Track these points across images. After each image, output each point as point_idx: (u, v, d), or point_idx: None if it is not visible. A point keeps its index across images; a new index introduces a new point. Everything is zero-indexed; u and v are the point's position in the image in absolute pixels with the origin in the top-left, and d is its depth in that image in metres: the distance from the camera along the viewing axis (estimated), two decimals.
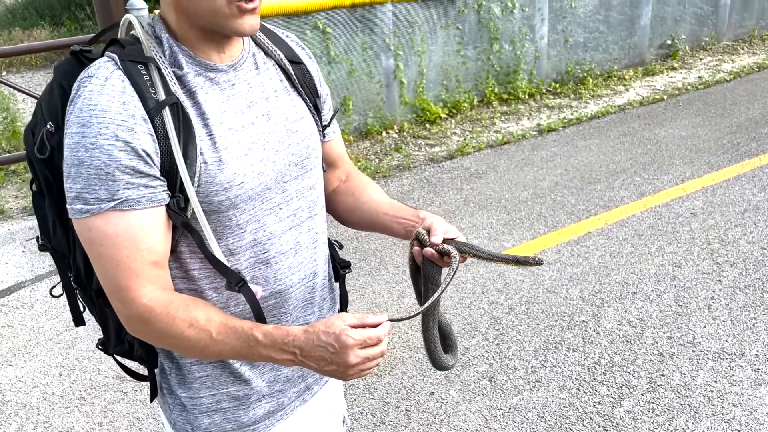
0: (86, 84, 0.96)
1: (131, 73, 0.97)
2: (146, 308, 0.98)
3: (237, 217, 1.06)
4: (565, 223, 3.98)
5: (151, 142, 0.96)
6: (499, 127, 5.92)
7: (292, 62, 1.17)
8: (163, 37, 1.02)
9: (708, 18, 8.23)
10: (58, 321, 3.26)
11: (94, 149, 0.93)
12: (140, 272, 0.98)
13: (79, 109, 0.95)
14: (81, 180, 0.94)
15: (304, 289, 1.20)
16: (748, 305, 3.03)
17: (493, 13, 6.25)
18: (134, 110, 0.95)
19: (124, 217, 0.96)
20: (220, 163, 1.02)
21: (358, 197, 1.31)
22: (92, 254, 0.99)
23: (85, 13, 11.27)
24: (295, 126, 1.14)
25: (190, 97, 1.02)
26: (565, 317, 3.04)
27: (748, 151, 4.91)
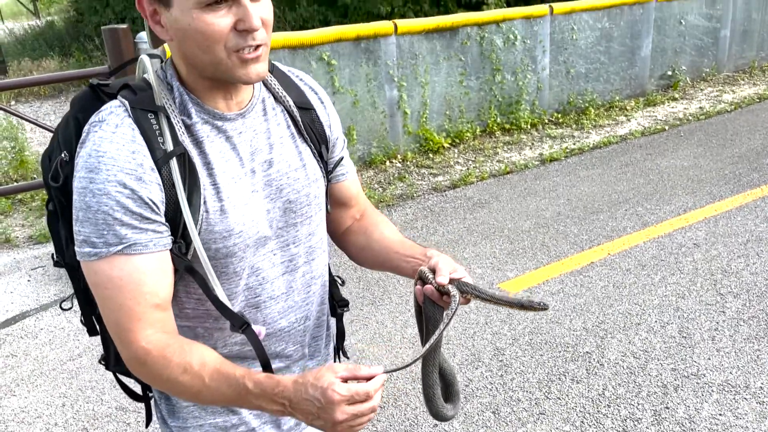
0: (96, 129, 0.99)
1: (141, 122, 1.00)
2: (144, 351, 1.00)
3: (234, 264, 1.08)
4: (568, 253, 3.99)
5: (158, 191, 0.99)
6: (502, 157, 5.97)
7: (301, 108, 1.17)
8: (174, 84, 1.05)
9: (708, 49, 8.33)
10: (62, 351, 3.26)
11: (102, 195, 0.96)
12: (142, 315, 0.99)
13: (88, 154, 0.98)
14: (89, 224, 0.97)
15: (294, 332, 1.21)
16: (752, 337, 3.02)
17: (495, 45, 6.34)
18: (143, 159, 0.98)
19: (129, 261, 0.98)
20: (222, 212, 1.05)
21: (369, 236, 1.31)
22: (97, 296, 1.01)
23: (93, 44, 11.46)
24: (297, 174, 1.15)
25: (197, 146, 1.05)
26: (568, 348, 3.04)
27: (750, 181, 4.93)
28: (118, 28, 4.45)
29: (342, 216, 1.33)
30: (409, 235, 4.37)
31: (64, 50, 12.86)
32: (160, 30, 1.01)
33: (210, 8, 0.95)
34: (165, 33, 1.01)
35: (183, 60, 1.04)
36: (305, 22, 8.92)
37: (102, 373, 3.06)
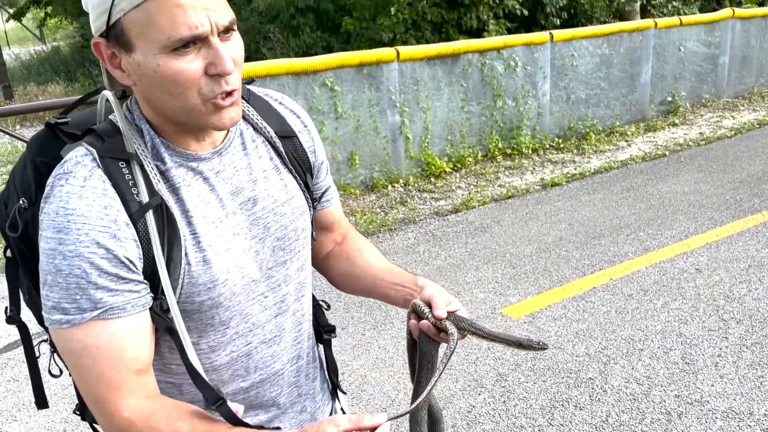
0: (63, 183, 0.89)
1: (112, 173, 0.91)
2: (127, 422, 0.91)
3: (220, 315, 1.01)
4: (570, 278, 3.99)
5: (134, 247, 0.90)
6: (503, 182, 6.00)
7: (283, 137, 1.09)
8: (144, 128, 0.96)
9: (707, 75, 8.41)
10: (63, 375, 3.25)
11: (73, 257, 0.87)
12: (122, 384, 0.91)
13: (55, 212, 0.88)
14: (59, 289, 0.88)
15: (288, 374, 1.15)
16: (755, 363, 3.01)
17: (496, 71, 6.41)
18: (116, 215, 0.89)
19: (106, 326, 0.89)
20: (205, 263, 0.97)
21: (352, 261, 1.24)
22: (70, 364, 0.92)
23: (98, 69, 11.58)
24: (283, 209, 1.07)
25: (174, 193, 0.96)
26: (571, 374, 3.03)
27: (750, 207, 4.95)
28: None
29: (323, 240, 1.27)
30: (411, 259, 4.38)
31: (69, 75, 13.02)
32: (120, 75, 0.92)
33: (177, 53, 0.86)
34: (126, 78, 0.92)
35: (148, 104, 0.95)
36: (308, 49, 9.03)
37: None
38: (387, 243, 4.71)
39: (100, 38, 0.90)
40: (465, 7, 8.23)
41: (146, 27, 0.85)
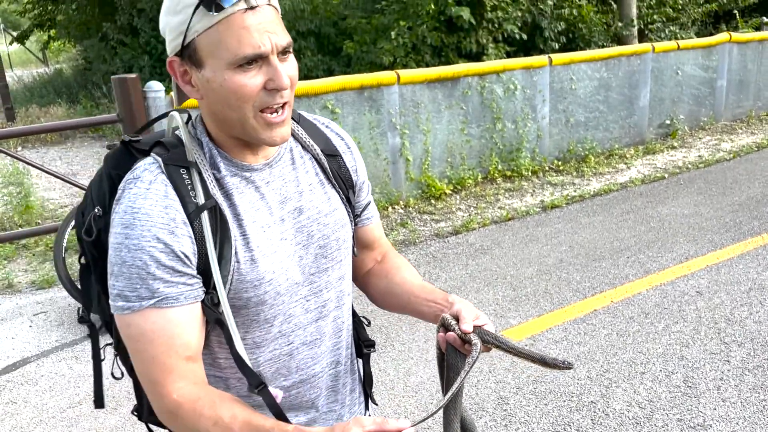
0: (131, 186, 1.03)
1: (173, 178, 1.03)
2: (175, 404, 1.02)
3: (265, 312, 1.10)
4: (571, 300, 3.98)
5: (190, 243, 1.02)
6: (504, 204, 6.01)
7: (328, 155, 1.21)
8: (203, 140, 1.09)
9: (705, 99, 8.47)
10: (62, 398, 3.23)
11: (137, 250, 0.99)
12: (174, 368, 1.02)
13: (123, 211, 1.01)
14: (123, 279, 1.00)
15: (327, 377, 1.23)
16: (757, 386, 3.00)
17: (496, 94, 6.46)
18: (175, 214, 1.01)
19: (162, 314, 1.01)
20: (252, 262, 1.07)
21: (390, 279, 1.32)
22: (130, 348, 1.04)
23: (101, 91, 11.66)
24: (326, 219, 1.17)
25: (227, 198, 1.08)
26: (573, 397, 3.01)
27: (750, 229, 4.96)
28: (127, 78, 4.55)
29: (364, 259, 1.36)
30: None
31: (71, 97, 13.09)
32: (190, 89, 1.05)
33: (242, 69, 0.98)
34: (195, 92, 1.05)
35: (211, 117, 1.08)
36: (309, 72, 9.10)
37: (102, 421, 3.02)
38: None
39: (175, 57, 1.03)
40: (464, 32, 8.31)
41: (216, 46, 0.98)
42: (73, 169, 8.12)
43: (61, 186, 7.19)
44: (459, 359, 1.09)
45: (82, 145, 9.77)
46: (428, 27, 8.04)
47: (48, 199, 6.71)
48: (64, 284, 3.98)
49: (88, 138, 10.27)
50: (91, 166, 8.11)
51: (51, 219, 5.98)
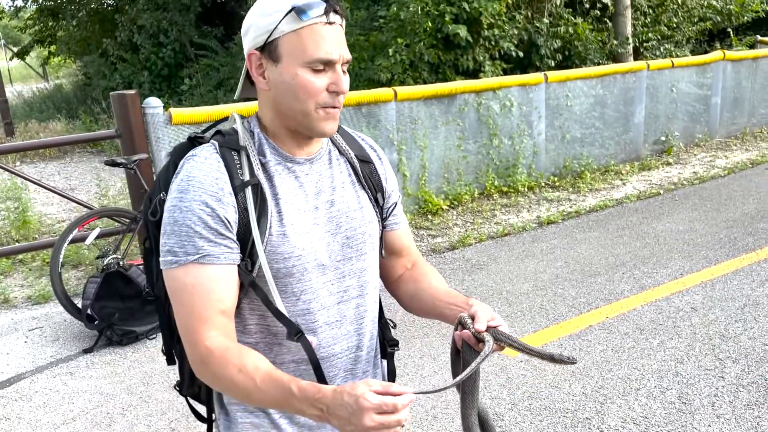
0: (189, 161, 1.20)
1: (225, 157, 1.19)
2: (207, 350, 1.14)
3: (293, 285, 1.23)
4: (567, 316, 3.99)
5: (233, 212, 1.17)
6: (500, 219, 6.03)
7: (361, 161, 1.36)
8: (255, 131, 1.26)
9: (700, 116, 8.53)
10: (56, 414, 3.23)
11: (188, 212, 1.14)
12: (208, 318, 1.14)
13: (180, 179, 1.18)
14: (174, 236, 1.15)
15: (346, 359, 1.33)
16: (752, 403, 3.00)
17: (492, 111, 6.51)
18: (224, 185, 1.17)
19: (203, 269, 1.15)
20: (284, 236, 1.21)
21: (418, 285, 1.42)
22: (173, 300, 1.18)
23: (100, 107, 11.71)
24: (355, 214, 1.31)
25: (269, 180, 1.23)
26: (568, 414, 3.01)
27: (745, 245, 4.98)
28: (126, 94, 4.58)
29: (394, 265, 1.47)
30: None
31: (71, 113, 13.15)
32: (261, 81, 1.20)
33: (313, 70, 1.16)
34: (264, 83, 1.20)
35: (273, 108, 1.23)
36: None
37: None
38: None
39: (255, 51, 1.19)
40: (461, 49, 8.38)
41: (296, 46, 1.15)
42: (71, 184, 8.14)
43: (59, 201, 7.21)
44: (473, 356, 1.17)
45: (80, 160, 9.80)
46: (425, 44, 8.11)
47: (45, 214, 6.72)
48: (60, 299, 3.98)
49: (87, 153, 10.30)
50: (90, 181, 8.12)
51: (48, 234, 5.99)
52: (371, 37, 8.77)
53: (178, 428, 3.05)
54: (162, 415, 3.16)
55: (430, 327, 3.93)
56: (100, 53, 13.43)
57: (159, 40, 12.16)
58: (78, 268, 5.16)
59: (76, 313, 3.99)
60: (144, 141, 4.65)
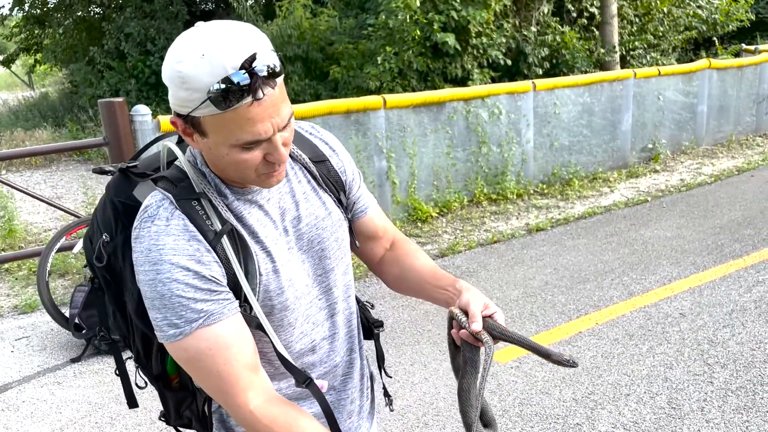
0: (149, 225, 1.08)
1: (188, 211, 1.09)
2: (252, 417, 1.09)
3: (288, 316, 1.20)
4: (556, 322, 4.00)
5: (217, 267, 1.09)
6: (489, 227, 6.05)
7: (316, 162, 1.28)
8: (206, 171, 1.14)
9: (687, 123, 8.62)
10: (43, 424, 3.19)
11: (171, 282, 1.05)
12: (239, 377, 1.09)
13: (148, 249, 1.07)
14: (166, 310, 1.07)
15: (344, 365, 1.34)
16: (740, 407, 3.02)
17: (481, 119, 6.54)
18: (198, 244, 1.08)
19: (212, 330, 1.08)
20: (275, 272, 1.16)
21: (402, 266, 1.40)
22: (192, 370, 1.11)
23: (87, 115, 11.64)
24: (324, 223, 1.25)
25: (239, 220, 1.14)
26: (558, 420, 3.02)
27: (732, 252, 5.02)
28: (114, 101, 4.56)
29: (373, 248, 1.43)
30: (398, 303, 4.38)
31: (57, 121, 13.06)
32: (190, 141, 1.09)
33: (243, 148, 1.04)
34: (196, 145, 1.10)
35: (210, 164, 1.13)
36: (297, 96, 9.16)
37: None
38: (374, 287, 4.71)
39: (178, 117, 1.06)
40: (450, 57, 8.42)
41: (220, 128, 1.02)
42: (57, 193, 8.07)
43: (45, 210, 7.14)
44: (474, 352, 1.17)
45: (67, 169, 9.72)
46: (414, 52, 8.14)
47: (32, 223, 6.66)
48: (48, 309, 3.94)
49: (74, 162, 10.22)
50: (76, 190, 8.07)
51: (35, 243, 5.94)
52: (360, 45, 8.80)
53: None
54: (151, 424, 3.13)
55: (420, 335, 3.93)
56: (87, 61, 13.36)
57: (146, 48, 12.13)
58: (65, 278, 5.11)
59: (63, 322, 3.94)
60: (132, 149, 4.62)
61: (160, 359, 1.25)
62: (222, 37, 0.99)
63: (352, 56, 8.82)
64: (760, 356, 3.45)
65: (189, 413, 1.30)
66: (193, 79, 0.98)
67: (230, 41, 0.98)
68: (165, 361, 1.26)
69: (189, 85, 0.98)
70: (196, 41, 0.99)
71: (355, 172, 1.36)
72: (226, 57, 0.97)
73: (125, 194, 1.16)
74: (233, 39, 0.98)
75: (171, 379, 1.28)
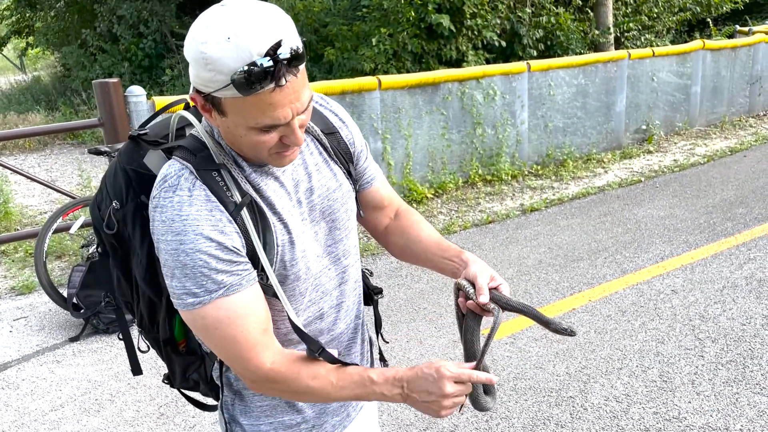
0: (171, 195, 1.08)
1: (208, 182, 1.09)
2: (273, 372, 1.13)
3: (299, 286, 1.21)
4: (551, 299, 4.05)
5: (238, 238, 1.10)
6: (484, 207, 6.09)
7: (327, 134, 1.29)
8: (223, 143, 1.14)
9: (680, 105, 8.64)
10: (43, 401, 3.22)
11: (194, 252, 1.06)
12: (256, 342, 1.12)
13: (171, 219, 1.07)
14: (187, 279, 1.07)
15: (349, 331, 1.37)
16: (730, 380, 3.08)
17: (476, 100, 6.54)
18: (220, 215, 1.08)
19: (231, 300, 1.09)
20: (291, 244, 1.17)
21: (407, 237, 1.43)
22: (209, 337, 1.12)
23: (80, 98, 11.58)
24: (335, 194, 1.27)
25: (257, 192, 1.15)
26: (552, 393, 3.07)
27: (723, 230, 5.07)
28: (109, 82, 4.56)
29: (378, 218, 1.45)
30: (394, 283, 4.42)
31: (50, 105, 12.99)
32: (208, 117, 1.08)
33: (261, 131, 1.05)
34: (213, 121, 1.09)
35: (227, 140, 1.13)
36: None
37: (84, 423, 3.02)
38: (370, 267, 4.74)
39: (198, 94, 1.05)
40: (444, 39, 8.40)
41: (240, 109, 1.02)
42: (52, 176, 8.06)
43: (41, 193, 7.14)
44: (476, 321, 1.24)
45: (60, 152, 9.70)
46: (409, 34, 8.12)
47: (27, 206, 6.66)
48: (46, 288, 3.96)
49: (67, 145, 10.19)
50: (71, 173, 8.05)
51: (30, 225, 5.94)
52: (354, 26, 8.77)
53: (167, 413, 3.06)
54: (151, 400, 3.17)
55: (416, 312, 3.97)
56: (80, 44, 13.26)
57: (139, 30, 12.04)
58: (62, 259, 5.13)
59: (61, 302, 3.97)
60: (127, 130, 4.62)
61: (168, 324, 1.26)
62: (249, 20, 0.97)
63: (346, 38, 8.79)
64: (750, 331, 3.51)
65: (196, 376, 1.32)
66: (217, 61, 0.96)
67: (257, 25, 0.96)
68: (173, 326, 1.27)
69: (213, 66, 0.97)
70: (223, 22, 0.97)
71: (362, 143, 1.37)
72: (253, 42, 0.95)
73: (137, 162, 1.17)
74: (260, 23, 0.97)
75: (179, 344, 1.30)
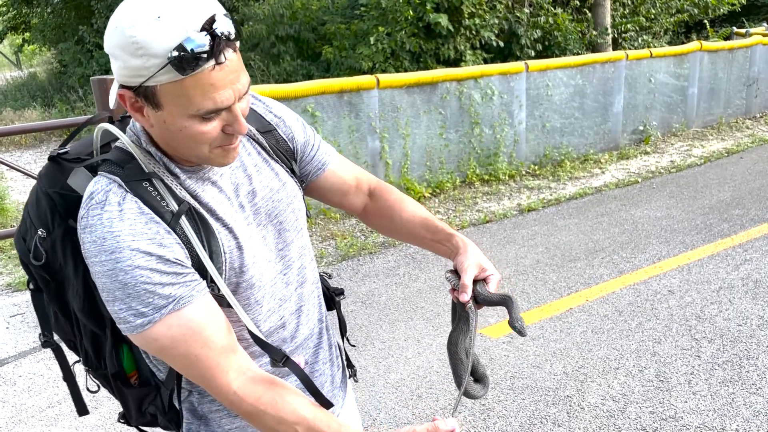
0: (99, 212, 0.99)
1: (140, 193, 1.01)
2: (237, 398, 1.04)
3: (255, 294, 1.13)
4: (548, 299, 4.06)
5: (180, 249, 1.01)
6: (481, 207, 6.09)
7: (264, 133, 1.21)
8: (151, 150, 1.06)
9: (677, 106, 8.67)
10: (40, 398, 3.22)
11: (133, 269, 0.97)
12: (218, 359, 1.03)
13: (102, 238, 0.97)
14: (131, 299, 0.98)
15: (314, 336, 1.29)
16: (726, 380, 3.09)
17: (474, 100, 6.55)
18: (157, 227, 1.00)
19: (182, 314, 1.00)
20: (238, 249, 1.09)
21: (391, 218, 1.38)
22: (170, 359, 1.04)
23: (77, 95, 11.54)
24: (279, 195, 1.19)
25: (195, 198, 1.07)
26: (549, 392, 3.08)
27: (720, 231, 5.09)
28: (107, 79, 4.54)
29: (349, 201, 1.38)
30: (391, 281, 4.42)
31: (46, 101, 12.95)
32: (140, 118, 1.00)
33: (203, 119, 0.97)
34: (145, 122, 1.01)
35: (160, 142, 1.05)
36: (289, 76, 9.13)
37: (81, 420, 3.02)
38: (367, 266, 4.75)
39: (126, 90, 0.97)
40: (443, 38, 8.42)
41: (179, 97, 0.94)
42: None
43: None
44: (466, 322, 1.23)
45: None
46: (407, 33, 8.13)
47: (23, 203, 6.64)
48: None
49: None
50: None
51: None
52: (352, 25, 8.77)
53: None
54: None
55: (414, 311, 3.97)
56: (76, 41, 13.23)
57: None
58: None
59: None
60: None
61: (115, 357, 1.17)
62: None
63: (344, 36, 8.79)
64: (746, 331, 3.53)
65: (153, 409, 1.21)
66: (149, 43, 0.89)
67: (185, 2, 0.91)
68: (121, 358, 1.18)
69: (145, 50, 0.90)
70: (148, 3, 0.91)
71: (306, 133, 1.28)
72: (185, 18, 0.90)
73: (60, 184, 1.07)
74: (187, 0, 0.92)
75: (129, 377, 1.20)
